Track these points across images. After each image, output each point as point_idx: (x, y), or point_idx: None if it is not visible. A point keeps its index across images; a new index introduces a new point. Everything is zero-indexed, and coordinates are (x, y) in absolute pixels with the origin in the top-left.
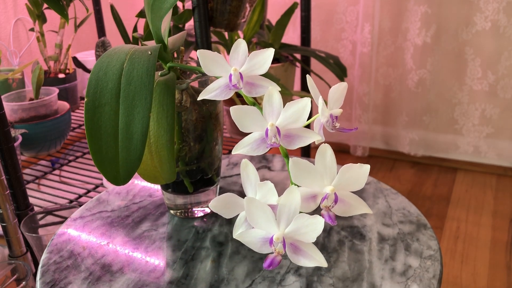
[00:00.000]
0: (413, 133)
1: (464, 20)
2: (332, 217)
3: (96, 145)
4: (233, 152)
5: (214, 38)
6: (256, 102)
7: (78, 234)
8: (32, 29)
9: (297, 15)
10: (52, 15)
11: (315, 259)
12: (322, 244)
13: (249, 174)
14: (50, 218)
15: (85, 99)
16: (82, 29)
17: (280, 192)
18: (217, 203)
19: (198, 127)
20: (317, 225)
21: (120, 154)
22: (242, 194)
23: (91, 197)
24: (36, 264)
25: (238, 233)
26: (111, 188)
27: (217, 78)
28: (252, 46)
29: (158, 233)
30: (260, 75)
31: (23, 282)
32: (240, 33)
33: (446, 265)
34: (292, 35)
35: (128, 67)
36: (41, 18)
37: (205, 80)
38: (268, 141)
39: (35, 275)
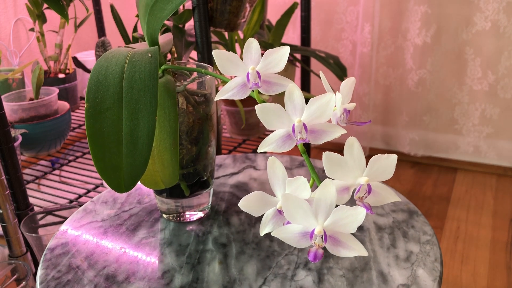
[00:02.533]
0: (413, 133)
1: (464, 20)
2: (368, 207)
3: (99, 152)
4: (259, 150)
5: (214, 38)
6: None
7: (72, 246)
8: (32, 29)
9: (297, 15)
10: (52, 15)
11: (355, 249)
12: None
13: (276, 171)
14: (50, 218)
15: (86, 105)
16: (82, 29)
17: (271, 191)
18: (247, 202)
19: (195, 129)
20: (357, 215)
21: (124, 160)
22: (234, 195)
23: (91, 197)
24: (36, 264)
25: (265, 230)
26: (95, 198)
27: (216, 77)
28: None
29: (157, 239)
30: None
31: (23, 282)
32: (240, 33)
33: (446, 265)
34: (292, 35)
35: (129, 71)
36: (41, 18)
37: (202, 81)
38: (295, 137)
39: (35, 275)
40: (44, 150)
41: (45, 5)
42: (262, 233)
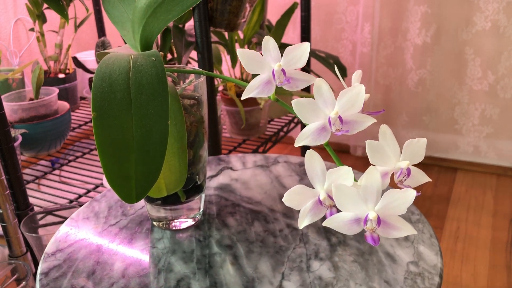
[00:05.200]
0: (413, 133)
1: (464, 20)
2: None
3: (109, 162)
4: (296, 145)
5: (214, 38)
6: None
7: (67, 268)
8: (32, 29)
9: (297, 15)
10: (52, 15)
11: (404, 229)
12: (324, 227)
13: (314, 163)
14: (50, 218)
15: (93, 115)
16: (82, 29)
17: (256, 189)
18: (290, 196)
19: (192, 132)
20: (407, 197)
21: (135, 169)
22: (221, 197)
23: (91, 197)
24: (36, 264)
25: (304, 223)
26: (74, 214)
27: (216, 77)
28: (252, 46)
29: (158, 249)
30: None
31: (23, 282)
32: (240, 33)
33: (446, 265)
34: (292, 35)
35: (135, 76)
36: (41, 18)
37: (197, 83)
38: (331, 129)
39: (35, 275)
40: (44, 150)
41: (45, 5)
42: (301, 225)
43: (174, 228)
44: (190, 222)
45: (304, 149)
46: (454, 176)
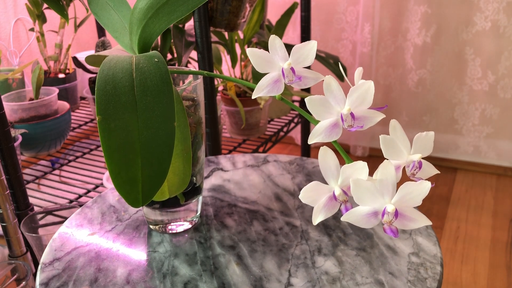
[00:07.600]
0: (413, 133)
1: (464, 20)
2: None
3: (116, 166)
4: (309, 142)
5: (214, 38)
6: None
7: (67, 277)
8: (32, 29)
9: (297, 15)
10: (52, 15)
11: (419, 221)
12: (323, 224)
13: (327, 159)
14: (50, 218)
15: (98, 118)
16: (82, 29)
17: (250, 189)
18: (306, 193)
19: (192, 133)
20: (423, 189)
21: (142, 172)
22: (216, 198)
23: (92, 197)
24: (36, 264)
25: (318, 219)
26: (67, 222)
27: (216, 77)
28: (252, 46)
29: (160, 253)
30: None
31: (23, 282)
32: (240, 33)
33: (446, 265)
34: (292, 35)
35: (139, 78)
36: (41, 18)
37: (195, 84)
38: (343, 125)
39: (35, 275)
40: (44, 150)
41: (45, 5)
42: (316, 222)
43: (170, 231)
44: (187, 225)
45: (304, 149)
46: (454, 176)
